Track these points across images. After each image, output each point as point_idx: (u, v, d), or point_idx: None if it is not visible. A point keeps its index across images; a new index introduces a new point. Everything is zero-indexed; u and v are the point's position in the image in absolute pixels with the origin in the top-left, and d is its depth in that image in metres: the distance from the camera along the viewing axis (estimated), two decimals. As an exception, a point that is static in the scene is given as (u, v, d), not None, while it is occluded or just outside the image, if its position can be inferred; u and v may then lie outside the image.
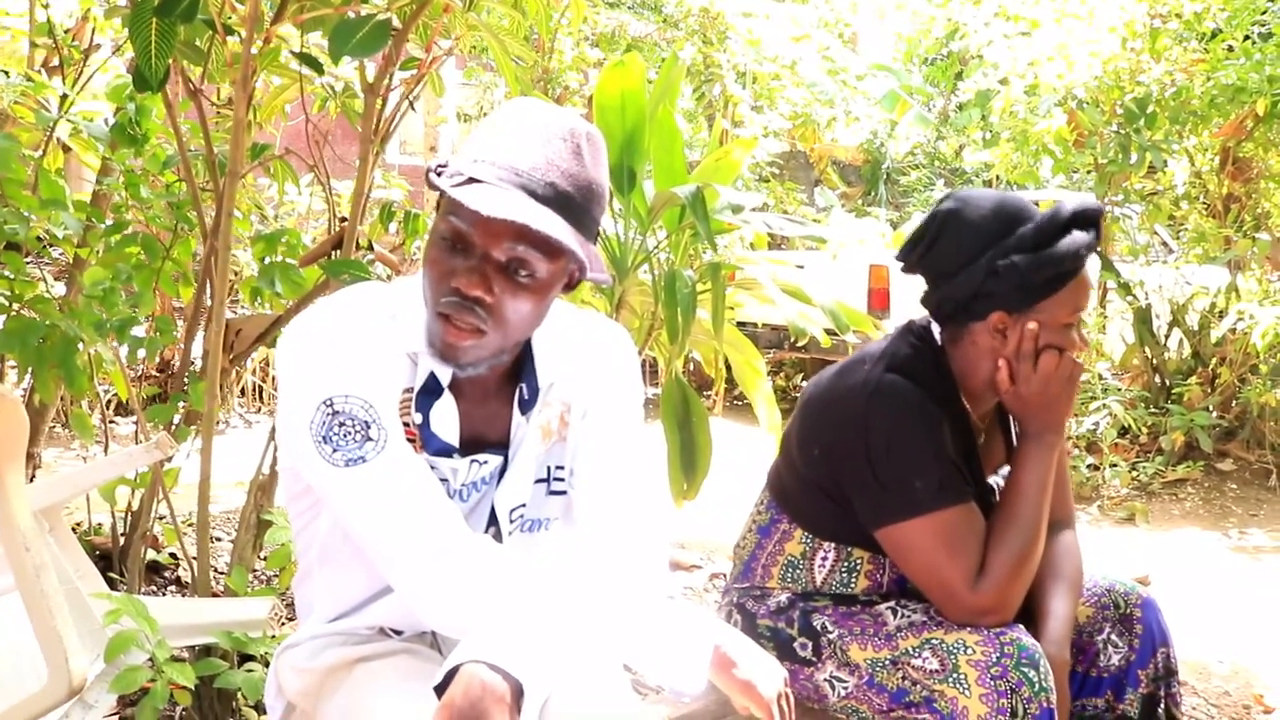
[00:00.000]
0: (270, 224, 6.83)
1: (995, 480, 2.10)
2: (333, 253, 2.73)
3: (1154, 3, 6.92)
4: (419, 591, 1.40)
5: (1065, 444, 2.04)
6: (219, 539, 3.89)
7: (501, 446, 1.54)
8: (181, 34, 2.53)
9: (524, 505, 1.57)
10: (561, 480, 1.61)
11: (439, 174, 1.38)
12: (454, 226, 1.37)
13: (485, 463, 1.53)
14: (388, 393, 1.44)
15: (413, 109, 2.73)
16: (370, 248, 2.85)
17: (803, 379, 8.71)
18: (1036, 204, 1.99)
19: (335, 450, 1.40)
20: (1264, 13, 7.03)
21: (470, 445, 1.52)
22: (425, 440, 1.48)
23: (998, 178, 8.07)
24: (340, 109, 2.97)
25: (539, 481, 1.59)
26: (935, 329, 2.03)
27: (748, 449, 5.34)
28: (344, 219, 2.71)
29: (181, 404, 2.87)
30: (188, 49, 2.62)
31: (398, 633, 1.59)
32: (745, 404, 3.63)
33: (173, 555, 3.38)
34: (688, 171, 3.28)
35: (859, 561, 2.02)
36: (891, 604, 1.96)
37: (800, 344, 3.74)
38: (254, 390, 7.31)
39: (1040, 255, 1.86)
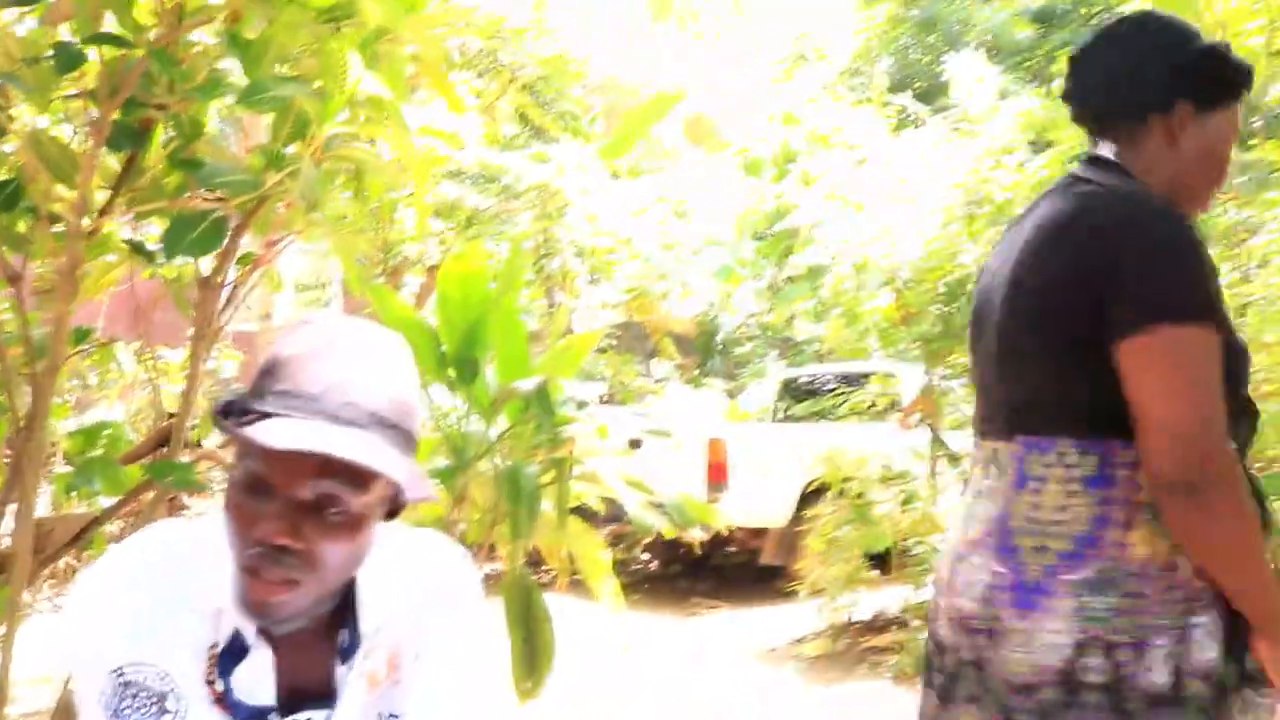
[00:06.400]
0: (93, 391, 6.53)
1: None
2: (159, 450, 2.59)
3: (970, 191, 7.33)
4: None
5: None
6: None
7: (327, 699, 1.38)
8: (2, 221, 2.42)
9: None
10: None
11: (226, 414, 1.24)
12: (250, 470, 1.23)
13: None
14: (188, 654, 1.29)
15: (245, 306, 2.64)
16: (199, 446, 2.71)
17: (641, 551, 8.63)
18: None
19: None
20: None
21: (290, 701, 1.35)
22: (232, 708, 1.31)
23: (830, 350, 8.29)
24: (169, 295, 2.85)
25: None
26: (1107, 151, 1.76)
27: (592, 629, 5.22)
28: (172, 414, 2.58)
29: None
30: (7, 235, 2.49)
31: None
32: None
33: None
34: (530, 361, 3.27)
35: None
36: None
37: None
38: (67, 571, 6.84)
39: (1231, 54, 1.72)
